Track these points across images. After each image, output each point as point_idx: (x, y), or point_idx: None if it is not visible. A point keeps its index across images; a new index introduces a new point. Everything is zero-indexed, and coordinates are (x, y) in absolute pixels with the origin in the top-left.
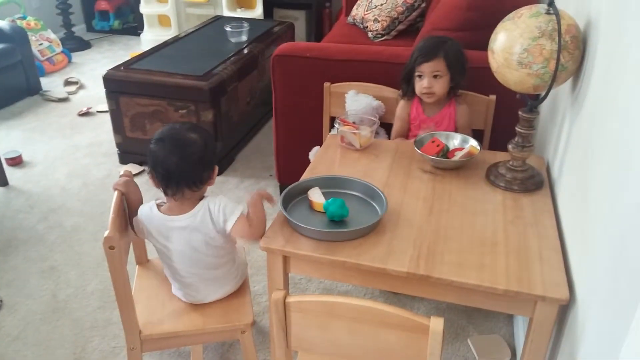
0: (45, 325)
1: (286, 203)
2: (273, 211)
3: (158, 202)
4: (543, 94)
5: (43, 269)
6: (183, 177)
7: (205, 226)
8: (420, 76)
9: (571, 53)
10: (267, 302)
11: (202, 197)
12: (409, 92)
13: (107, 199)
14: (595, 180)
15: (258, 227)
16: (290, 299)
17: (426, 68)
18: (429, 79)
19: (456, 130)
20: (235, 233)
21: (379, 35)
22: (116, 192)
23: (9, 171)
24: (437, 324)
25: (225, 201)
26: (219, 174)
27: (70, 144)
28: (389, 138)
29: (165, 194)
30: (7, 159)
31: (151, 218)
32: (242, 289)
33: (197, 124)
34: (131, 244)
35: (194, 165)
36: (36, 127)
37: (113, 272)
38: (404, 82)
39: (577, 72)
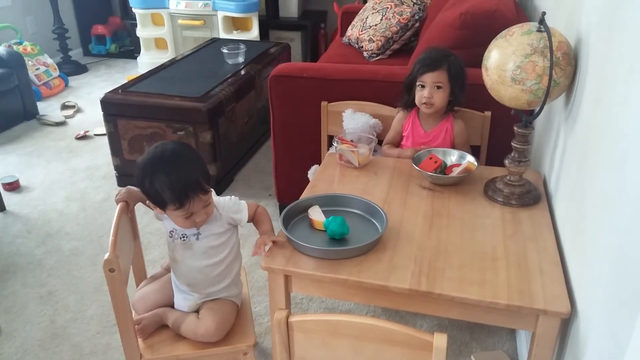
0: (44, 352)
1: (286, 222)
2: (274, 230)
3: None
4: (537, 109)
5: (41, 294)
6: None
7: None
8: (422, 86)
9: (563, 69)
10: (268, 323)
11: None
12: (408, 102)
13: (105, 223)
14: (592, 193)
15: None
16: (293, 319)
17: (429, 78)
18: (430, 89)
19: (453, 146)
20: None
21: (374, 55)
22: (118, 208)
23: (6, 196)
24: (440, 340)
25: None
26: (218, 194)
27: (68, 168)
28: None
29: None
30: (4, 184)
31: None
32: (243, 310)
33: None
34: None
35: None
36: (33, 151)
37: (113, 296)
38: (405, 91)
39: (570, 87)
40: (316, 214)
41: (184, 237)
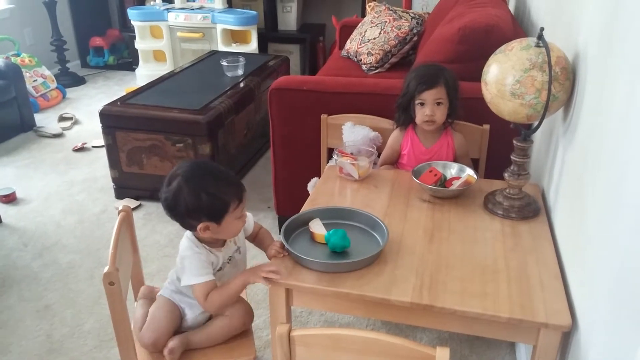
0: None
1: (287, 235)
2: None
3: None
4: (536, 123)
5: (38, 308)
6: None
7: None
8: (422, 104)
9: (562, 83)
10: (268, 337)
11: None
12: (405, 120)
13: (103, 235)
14: (591, 206)
15: (214, 304)
16: (294, 333)
17: (429, 95)
18: (432, 107)
19: (455, 159)
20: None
21: (372, 68)
22: (118, 219)
23: (3, 209)
24: (443, 354)
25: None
26: None
27: (65, 180)
28: None
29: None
30: (0, 196)
31: None
32: None
33: (194, 162)
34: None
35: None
36: (30, 163)
37: (113, 309)
38: (401, 111)
39: (568, 101)
40: (317, 227)
41: (229, 259)
